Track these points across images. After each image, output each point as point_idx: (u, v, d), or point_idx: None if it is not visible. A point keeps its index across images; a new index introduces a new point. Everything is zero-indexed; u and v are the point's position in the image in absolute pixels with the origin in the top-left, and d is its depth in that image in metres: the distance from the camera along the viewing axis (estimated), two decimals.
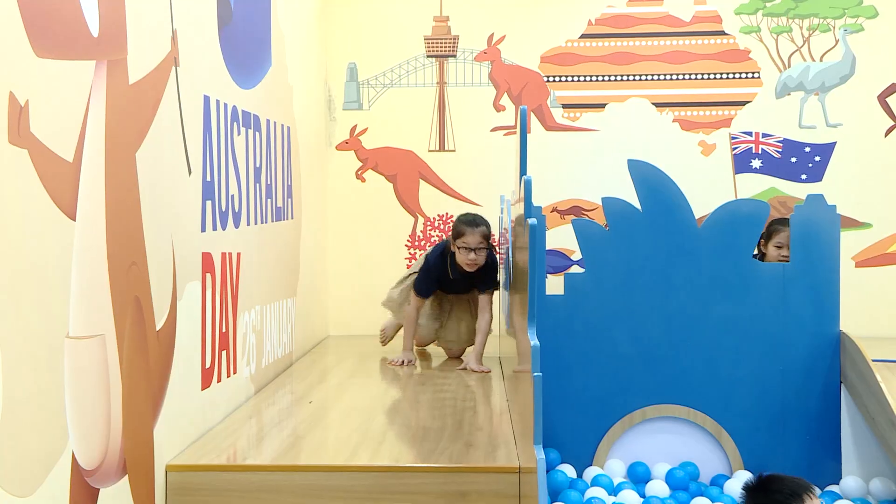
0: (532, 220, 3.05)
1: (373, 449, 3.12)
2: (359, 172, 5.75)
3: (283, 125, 4.59)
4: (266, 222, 4.24)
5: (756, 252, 4.79)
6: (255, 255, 3.99)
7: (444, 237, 5.61)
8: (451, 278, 4.64)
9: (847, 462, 4.10)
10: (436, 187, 5.66)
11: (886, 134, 5.27)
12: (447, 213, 5.58)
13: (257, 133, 4.09)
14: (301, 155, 4.99)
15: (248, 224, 3.94)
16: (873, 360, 3.90)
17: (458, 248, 4.52)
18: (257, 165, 4.10)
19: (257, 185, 4.10)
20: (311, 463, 2.99)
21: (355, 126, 5.73)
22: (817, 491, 2.59)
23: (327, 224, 5.74)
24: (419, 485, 2.88)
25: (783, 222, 4.65)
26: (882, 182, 5.24)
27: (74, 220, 2.27)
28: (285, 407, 3.83)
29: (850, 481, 4.03)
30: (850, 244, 5.10)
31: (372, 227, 5.72)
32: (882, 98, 5.25)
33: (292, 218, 4.82)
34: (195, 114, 3.24)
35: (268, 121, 4.27)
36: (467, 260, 4.53)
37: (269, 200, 4.30)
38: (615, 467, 4.23)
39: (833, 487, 4.06)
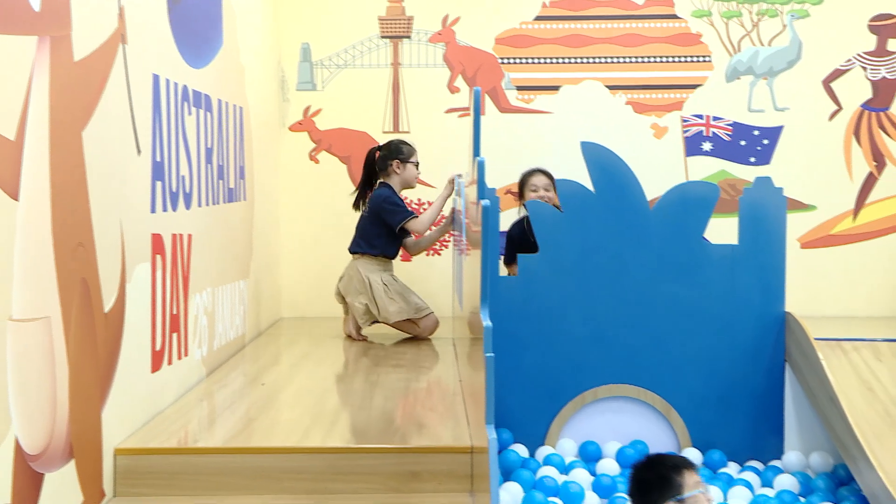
0: (485, 202, 3.06)
1: (325, 430, 3.12)
2: (312, 154, 5.71)
3: (235, 105, 4.53)
4: (218, 203, 4.20)
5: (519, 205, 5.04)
6: (206, 236, 3.95)
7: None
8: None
9: (789, 437, 4.21)
10: None
11: (831, 118, 5.36)
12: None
13: (209, 113, 4.04)
14: (254, 136, 4.94)
15: (200, 205, 3.90)
16: (816, 339, 3.99)
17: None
18: (209, 146, 4.05)
19: (209, 165, 4.05)
20: (262, 445, 2.98)
21: (309, 107, 5.68)
22: (697, 471, 2.71)
23: (280, 205, 5.69)
24: (371, 465, 2.89)
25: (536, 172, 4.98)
26: (826, 165, 5.34)
27: (17, 200, 2.22)
28: (237, 389, 3.81)
29: (792, 456, 4.13)
30: (796, 226, 5.20)
31: (325, 209, 5.68)
32: (826, 83, 5.35)
33: (245, 199, 4.78)
34: (144, 93, 3.19)
35: (219, 101, 4.22)
36: (418, 174, 5.03)
37: (220, 181, 4.25)
38: (567, 447, 4.28)
39: (776, 462, 4.16)
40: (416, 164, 5.01)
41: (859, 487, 3.54)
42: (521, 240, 4.90)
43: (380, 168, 5.01)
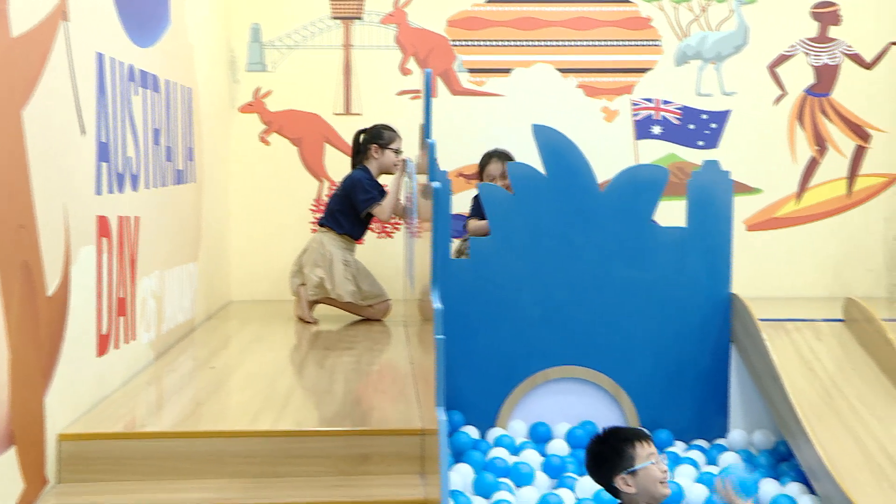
0: (436, 184, 3.06)
1: (275, 414, 3.10)
2: (263, 135, 5.65)
3: (183, 86, 4.46)
4: (166, 185, 4.14)
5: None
6: (154, 218, 3.89)
7: None
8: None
9: (734, 416, 4.29)
10: (341, 151, 5.60)
11: (776, 102, 5.45)
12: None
13: (156, 94, 3.97)
14: (203, 117, 4.87)
15: (148, 187, 3.84)
16: (761, 320, 4.07)
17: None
18: (157, 127, 3.98)
19: (157, 147, 3.99)
20: (211, 429, 2.96)
21: (259, 88, 5.62)
22: (651, 441, 2.74)
23: (230, 187, 5.63)
24: (321, 448, 2.88)
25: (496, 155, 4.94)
26: (772, 148, 5.43)
27: None
28: (186, 373, 3.77)
29: (736, 434, 4.23)
30: (743, 208, 5.28)
31: (276, 191, 5.63)
32: (771, 68, 5.43)
33: (194, 181, 4.71)
34: (88, 71, 3.12)
35: (167, 81, 4.15)
36: (397, 161, 4.96)
37: (169, 163, 4.19)
38: (517, 428, 4.32)
39: (720, 440, 4.25)
40: (396, 151, 4.99)
41: (798, 463, 3.63)
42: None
43: (361, 150, 5.01)
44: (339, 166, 5.59)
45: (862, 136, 5.38)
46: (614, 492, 2.73)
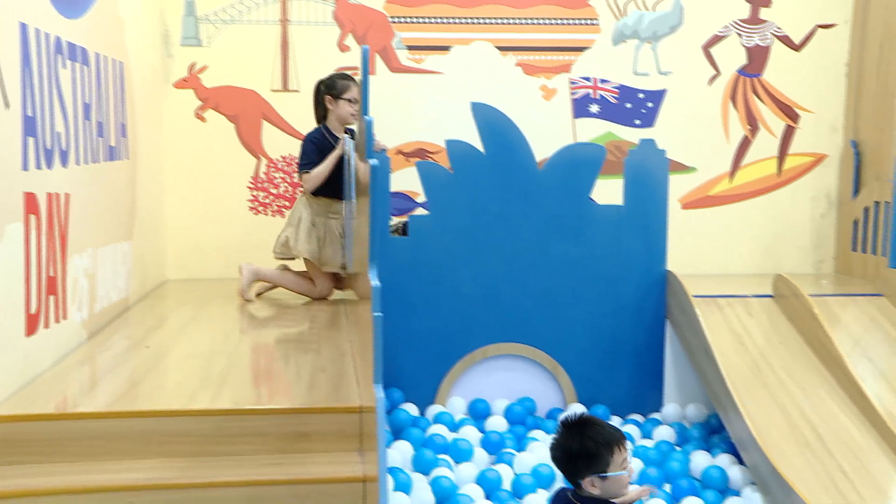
0: (373, 161, 3.05)
1: (212, 392, 3.07)
2: (198, 112, 5.55)
3: (114, 60, 4.35)
4: (98, 161, 4.04)
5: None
6: (86, 195, 3.80)
7: (287, 178, 5.51)
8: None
9: (668, 390, 4.40)
10: (279, 128, 5.53)
11: (710, 82, 5.53)
12: (290, 155, 5.47)
13: (86, 67, 3.87)
14: (136, 92, 4.76)
15: (78, 163, 3.74)
16: (694, 297, 4.17)
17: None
18: (87, 101, 3.88)
19: (87, 122, 3.88)
20: (147, 408, 2.91)
21: (194, 63, 5.50)
22: (629, 444, 2.67)
23: (166, 165, 5.52)
24: (259, 427, 2.87)
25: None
26: (706, 128, 5.51)
27: None
28: (120, 352, 3.70)
29: (670, 408, 4.33)
30: (678, 187, 5.36)
31: (213, 169, 5.54)
32: (706, 48, 5.51)
33: (127, 158, 4.61)
34: (10, 43, 3.02)
35: (97, 54, 4.04)
36: (354, 111, 4.69)
37: (100, 139, 4.09)
38: (457, 405, 4.36)
39: (655, 414, 4.34)
40: (351, 101, 4.74)
41: (729, 435, 3.73)
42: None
43: (318, 103, 4.84)
44: (276, 143, 5.53)
45: (791, 117, 5.50)
46: (575, 484, 2.70)
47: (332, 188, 4.76)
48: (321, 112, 4.84)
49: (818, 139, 5.51)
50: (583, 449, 2.59)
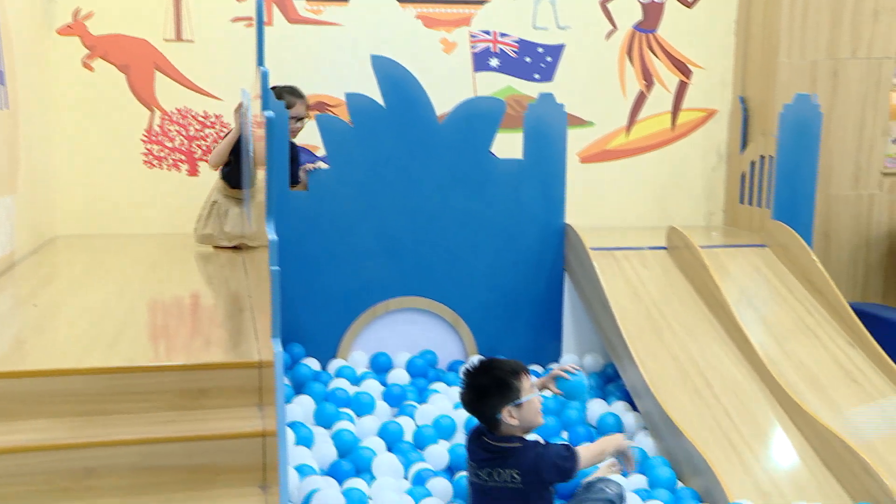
0: (269, 113, 2.98)
1: (105, 350, 2.99)
2: (85, 61, 5.31)
3: None
4: None
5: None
6: None
7: (183, 132, 5.36)
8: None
9: (567, 341, 4.50)
10: (173, 79, 5.35)
11: (607, 38, 5.61)
12: (185, 107, 5.32)
13: None
14: (14, 38, 4.52)
15: None
16: (592, 249, 4.26)
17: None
18: None
19: None
20: (36, 368, 2.82)
21: (78, 9, 5.25)
22: (529, 374, 2.83)
23: (51, 115, 5.28)
24: (155, 384, 2.81)
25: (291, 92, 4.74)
26: (603, 83, 5.60)
27: None
28: (6, 311, 3.56)
29: (568, 359, 4.44)
30: (576, 141, 5.44)
31: (104, 121, 5.34)
32: (603, 4, 5.58)
33: (7, 108, 4.39)
34: None
35: None
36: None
37: None
38: (358, 359, 4.36)
39: (554, 365, 4.44)
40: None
41: (624, 383, 3.85)
42: None
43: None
44: (170, 95, 5.36)
45: (684, 73, 5.64)
46: (493, 422, 2.79)
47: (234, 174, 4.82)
48: None
49: (710, 95, 5.66)
50: (493, 381, 2.73)
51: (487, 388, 2.74)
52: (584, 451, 2.83)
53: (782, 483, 3.17)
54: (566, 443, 2.85)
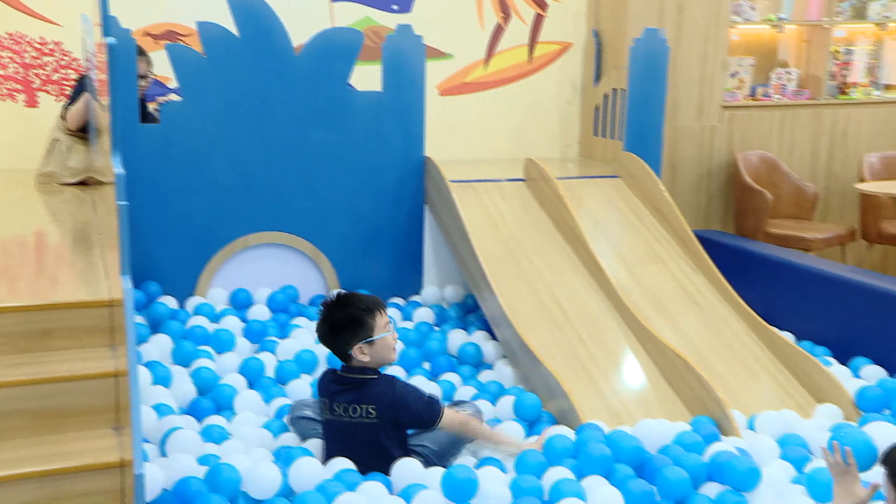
0: (111, 39, 2.82)
1: None
2: None
3: None
4: None
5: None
6: None
7: (17, 59, 5.01)
8: None
9: (427, 273, 4.56)
10: (3, 2, 4.98)
11: None
12: (18, 32, 4.96)
13: None
14: None
15: None
16: (451, 181, 4.29)
17: None
18: None
19: None
20: None
21: None
22: (385, 311, 2.83)
23: None
24: None
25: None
26: (461, 14, 5.56)
27: None
28: None
29: (429, 290, 4.50)
30: (435, 73, 5.42)
31: None
32: None
33: None
34: None
35: None
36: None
37: None
38: (218, 296, 4.28)
39: (415, 297, 4.50)
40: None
41: (484, 313, 3.95)
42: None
43: None
44: (2, 19, 4.99)
45: (540, 5, 5.66)
46: (345, 357, 2.79)
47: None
48: None
49: (565, 28, 5.73)
50: (347, 318, 2.74)
51: (341, 324, 2.75)
52: (459, 418, 2.81)
53: (630, 403, 3.34)
54: (433, 394, 2.85)
